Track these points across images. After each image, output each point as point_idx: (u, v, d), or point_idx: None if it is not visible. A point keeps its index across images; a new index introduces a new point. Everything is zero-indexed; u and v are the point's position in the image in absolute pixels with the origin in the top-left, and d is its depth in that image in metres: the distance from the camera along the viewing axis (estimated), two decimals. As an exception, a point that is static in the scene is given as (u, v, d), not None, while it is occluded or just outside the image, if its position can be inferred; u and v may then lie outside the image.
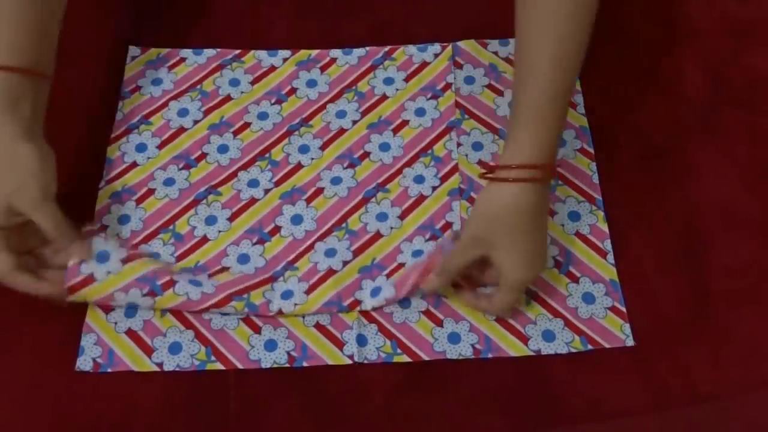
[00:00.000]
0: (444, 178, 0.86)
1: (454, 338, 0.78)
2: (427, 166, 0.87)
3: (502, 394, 0.75)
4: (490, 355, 0.77)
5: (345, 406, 0.75)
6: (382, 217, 0.84)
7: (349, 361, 0.77)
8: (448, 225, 0.83)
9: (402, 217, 0.84)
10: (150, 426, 0.74)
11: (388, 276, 0.81)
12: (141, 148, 0.89)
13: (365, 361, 0.77)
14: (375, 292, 0.80)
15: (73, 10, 0.99)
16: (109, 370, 0.76)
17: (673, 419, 0.74)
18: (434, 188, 0.86)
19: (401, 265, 0.81)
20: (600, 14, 0.98)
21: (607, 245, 0.82)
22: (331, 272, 0.81)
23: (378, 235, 0.83)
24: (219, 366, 0.77)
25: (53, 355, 0.77)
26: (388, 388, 0.76)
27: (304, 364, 0.77)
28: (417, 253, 0.82)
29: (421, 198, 0.85)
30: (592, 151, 0.88)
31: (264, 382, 0.76)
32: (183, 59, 0.96)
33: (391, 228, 0.84)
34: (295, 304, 0.79)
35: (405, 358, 0.77)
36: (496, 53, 0.95)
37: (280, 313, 0.78)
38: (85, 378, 0.76)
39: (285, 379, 0.76)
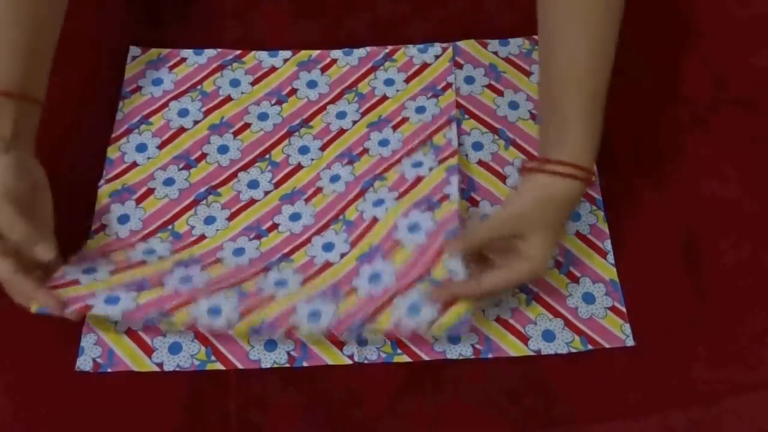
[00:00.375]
0: (442, 161, 0.85)
1: (454, 338, 0.78)
2: (426, 155, 0.87)
3: (502, 394, 0.75)
4: (490, 355, 0.77)
5: (345, 406, 0.75)
6: (378, 203, 0.83)
7: (349, 361, 0.77)
8: (445, 197, 0.81)
9: (399, 198, 0.83)
10: (150, 426, 0.74)
11: (385, 256, 0.79)
12: (141, 148, 0.89)
13: (365, 361, 0.77)
14: (373, 278, 0.78)
15: (74, 10, 0.99)
16: (109, 370, 0.76)
17: (673, 419, 0.74)
18: (431, 169, 0.84)
19: (398, 242, 0.79)
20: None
21: (607, 245, 0.82)
22: (328, 265, 0.81)
23: (374, 221, 0.82)
24: (219, 366, 0.77)
25: (53, 355, 0.77)
26: (388, 388, 0.76)
27: (304, 364, 0.77)
28: (414, 227, 0.79)
29: (419, 179, 0.84)
30: (592, 150, 0.88)
31: (264, 382, 0.76)
32: (183, 59, 0.96)
33: (387, 209, 0.82)
34: (289, 292, 0.78)
35: (405, 358, 0.77)
36: (496, 53, 0.95)
37: (271, 299, 0.77)
38: (85, 378, 0.76)
39: (285, 379, 0.76)
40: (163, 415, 0.74)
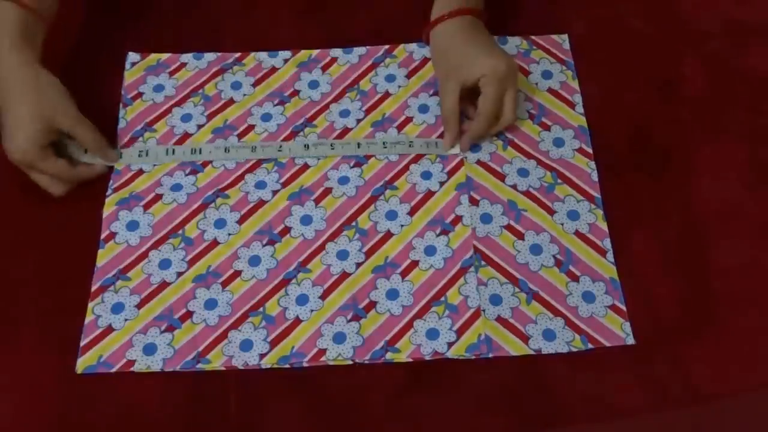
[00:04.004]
0: (451, 173, 0.87)
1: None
2: (434, 162, 0.88)
3: (502, 394, 0.75)
4: (490, 355, 0.77)
5: (345, 406, 0.75)
6: (391, 215, 0.84)
7: (350, 361, 0.77)
8: (458, 218, 0.84)
9: (411, 213, 0.85)
10: (150, 426, 0.74)
11: (403, 275, 0.81)
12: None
13: (365, 362, 0.77)
14: (391, 294, 0.80)
15: (72, 16, 0.99)
16: (110, 370, 0.77)
17: (673, 419, 0.74)
18: (442, 183, 0.86)
19: (415, 263, 0.82)
20: (600, 14, 0.99)
21: (607, 244, 0.82)
22: (344, 275, 0.81)
23: (389, 234, 0.83)
24: (219, 366, 0.77)
25: (53, 355, 0.77)
26: (388, 388, 0.76)
27: (304, 364, 0.77)
28: (429, 249, 0.82)
29: (430, 194, 0.86)
30: (590, 150, 0.88)
31: (264, 382, 0.76)
32: (184, 64, 0.96)
33: (402, 226, 0.84)
34: (312, 311, 0.79)
35: (405, 358, 0.77)
36: (495, 53, 0.95)
37: (297, 321, 0.79)
38: (85, 378, 0.76)
39: (285, 379, 0.76)
40: (163, 415, 0.74)
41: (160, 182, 0.88)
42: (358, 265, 0.82)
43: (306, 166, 0.88)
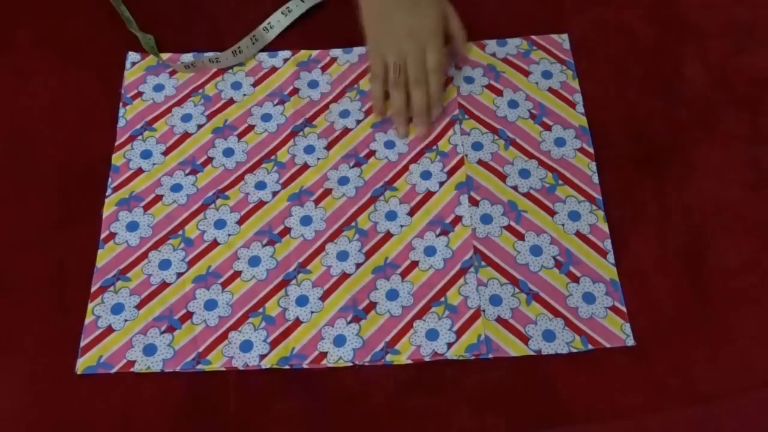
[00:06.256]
0: (450, 173, 0.87)
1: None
2: (433, 161, 0.88)
3: (502, 394, 0.75)
4: (490, 355, 0.77)
5: (345, 406, 0.75)
6: (391, 215, 0.84)
7: (350, 364, 0.77)
8: (458, 219, 0.84)
9: (411, 213, 0.85)
10: (150, 426, 0.74)
11: (403, 276, 0.81)
12: (146, 154, 0.90)
13: (366, 363, 0.77)
14: (391, 294, 0.80)
15: (72, 15, 0.99)
16: (110, 370, 0.77)
17: (673, 419, 0.74)
18: (441, 183, 0.86)
19: (414, 263, 0.82)
20: (599, 14, 0.99)
21: (607, 245, 0.82)
22: (344, 276, 0.81)
23: (389, 235, 0.83)
24: (219, 367, 0.77)
25: (53, 355, 0.77)
26: (389, 388, 0.76)
27: (305, 366, 0.77)
28: (429, 250, 0.82)
29: (429, 194, 0.86)
30: (591, 150, 0.88)
31: (264, 382, 0.76)
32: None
33: (401, 226, 0.84)
34: (312, 312, 0.79)
35: (405, 360, 0.77)
36: (494, 54, 0.95)
37: (297, 322, 0.79)
38: (85, 378, 0.76)
39: (285, 379, 0.76)
40: (163, 415, 0.75)
41: (160, 182, 0.88)
42: (358, 265, 0.82)
43: (306, 166, 0.88)
